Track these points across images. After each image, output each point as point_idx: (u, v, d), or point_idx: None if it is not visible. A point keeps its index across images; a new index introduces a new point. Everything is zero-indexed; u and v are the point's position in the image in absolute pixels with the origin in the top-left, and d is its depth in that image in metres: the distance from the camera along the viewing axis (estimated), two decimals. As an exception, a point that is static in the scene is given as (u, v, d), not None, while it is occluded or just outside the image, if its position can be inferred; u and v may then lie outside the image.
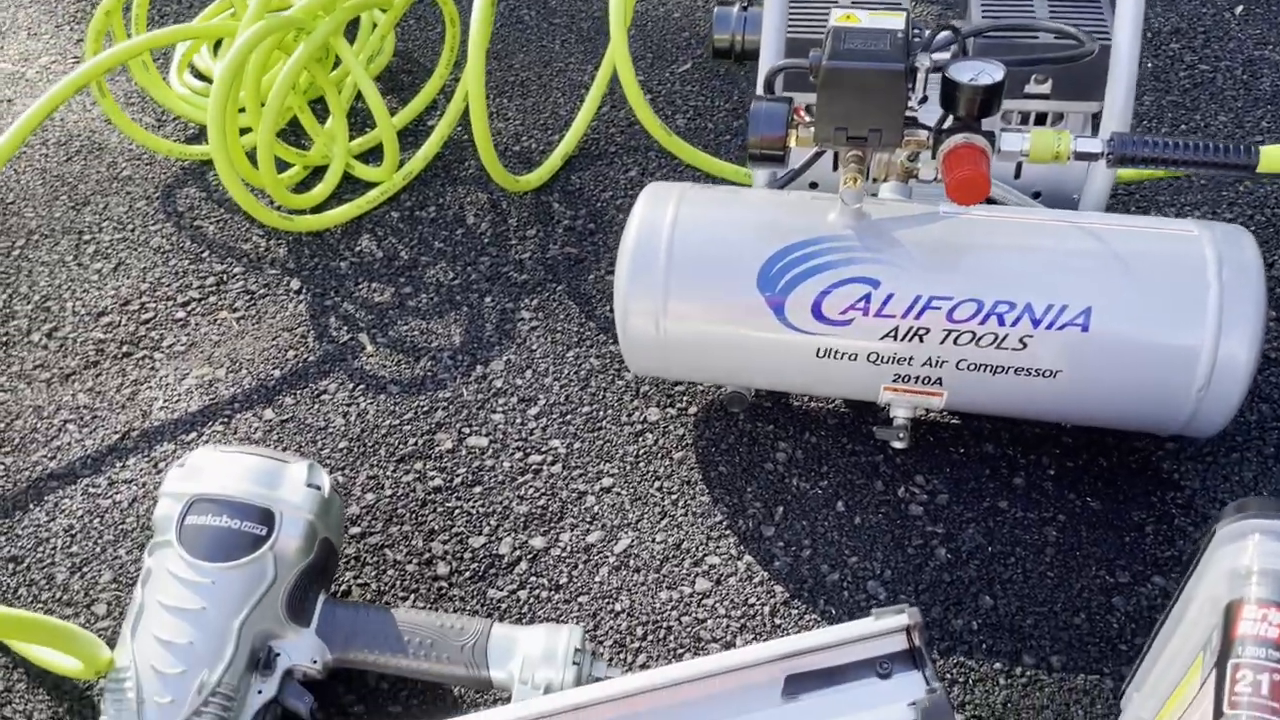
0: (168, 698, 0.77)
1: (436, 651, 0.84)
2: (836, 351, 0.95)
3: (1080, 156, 0.90)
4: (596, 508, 1.03)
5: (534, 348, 1.18)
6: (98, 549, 1.00)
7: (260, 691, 0.81)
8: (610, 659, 0.92)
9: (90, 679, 0.89)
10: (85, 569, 0.99)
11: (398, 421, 1.11)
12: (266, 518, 0.84)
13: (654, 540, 1.00)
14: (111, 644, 0.92)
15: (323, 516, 0.87)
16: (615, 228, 1.30)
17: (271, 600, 0.82)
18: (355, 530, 1.02)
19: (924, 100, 0.94)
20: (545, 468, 1.07)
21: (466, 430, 1.10)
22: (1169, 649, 0.75)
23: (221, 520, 0.83)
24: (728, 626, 0.93)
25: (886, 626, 0.79)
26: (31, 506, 1.04)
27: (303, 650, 0.83)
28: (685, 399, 1.11)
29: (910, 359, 0.94)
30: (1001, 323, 0.91)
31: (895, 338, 0.93)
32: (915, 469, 1.03)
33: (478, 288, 1.25)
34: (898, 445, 1.01)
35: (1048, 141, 0.89)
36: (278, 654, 0.82)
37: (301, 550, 0.84)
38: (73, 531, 1.02)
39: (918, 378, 0.95)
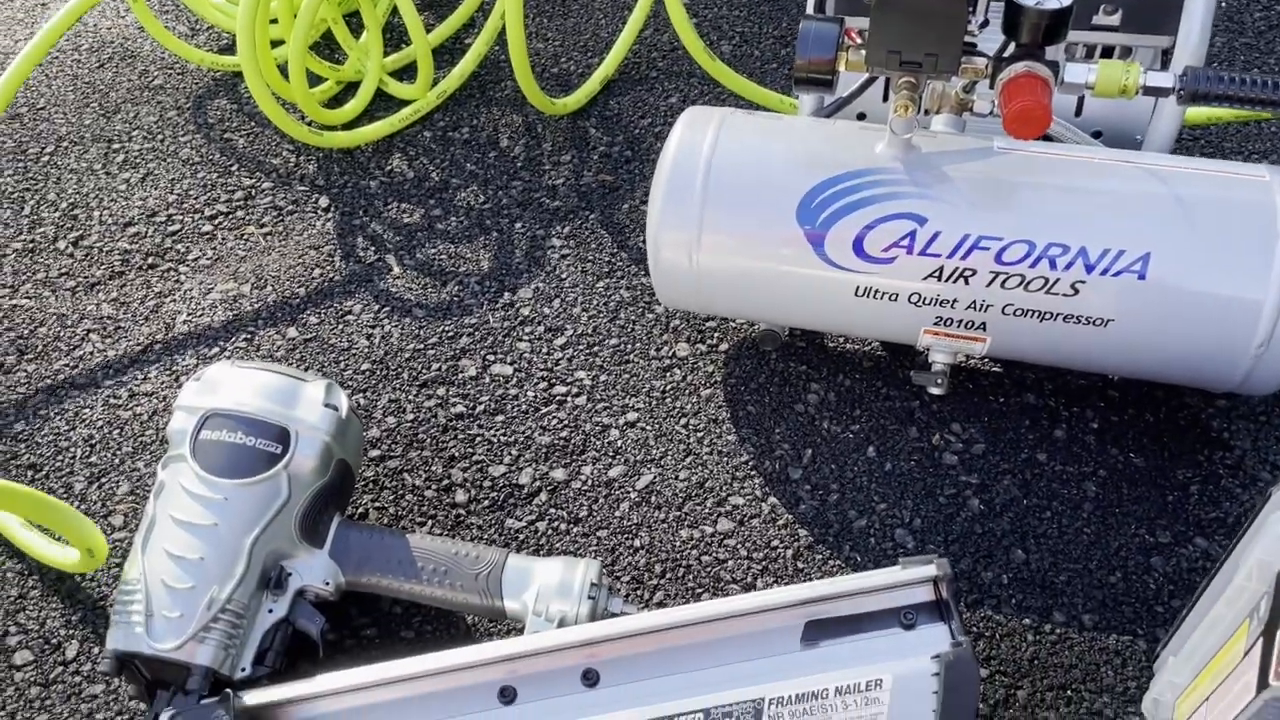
0: (177, 612, 0.77)
1: (451, 579, 0.83)
2: (877, 291, 0.91)
3: (1149, 91, 0.84)
4: (620, 442, 1.00)
5: (563, 276, 1.15)
6: (116, 460, 1.00)
7: (271, 610, 0.80)
8: (627, 595, 0.90)
9: (87, 570, 0.88)
10: (103, 479, 0.99)
11: (422, 346, 1.09)
12: (282, 436, 0.82)
13: (677, 478, 0.98)
14: (124, 557, 0.92)
15: (339, 438, 0.85)
16: (652, 156, 1.26)
17: (285, 520, 0.81)
18: (374, 454, 1.00)
19: (984, 25, 0.88)
20: (570, 399, 1.04)
21: (491, 358, 1.08)
22: (1211, 614, 0.71)
23: (236, 437, 0.82)
24: (749, 568, 0.91)
25: (913, 576, 0.76)
26: (52, 415, 1.04)
27: (315, 571, 0.82)
28: (716, 335, 1.08)
29: (954, 301, 0.90)
30: (1053, 266, 0.86)
31: (939, 278, 0.89)
32: (952, 416, 0.99)
33: (509, 213, 1.22)
34: (935, 391, 0.97)
35: (1115, 74, 0.84)
36: (290, 574, 0.81)
37: (316, 471, 0.83)
38: (92, 441, 1.01)
39: (961, 321, 0.91)
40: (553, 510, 0.96)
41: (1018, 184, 0.88)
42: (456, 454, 1.00)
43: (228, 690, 0.75)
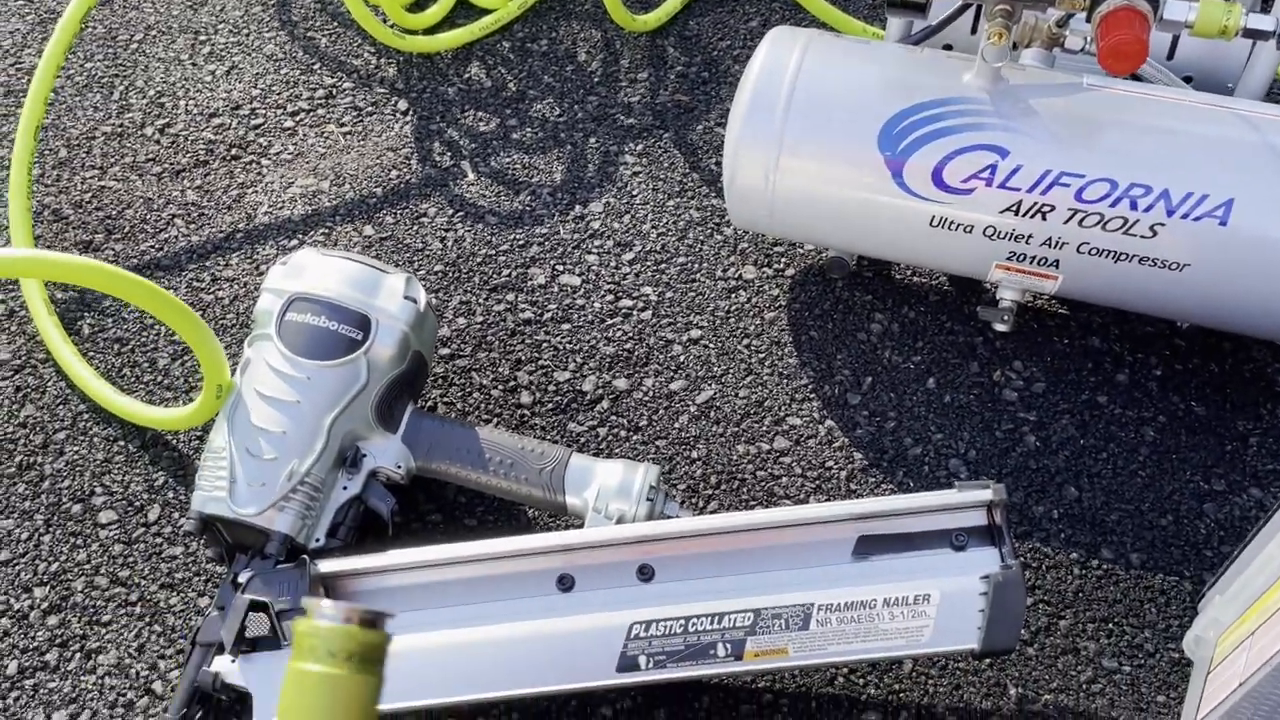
0: (260, 481, 0.80)
1: (516, 471, 0.86)
2: (952, 222, 0.91)
3: (1249, 34, 0.83)
4: (682, 357, 1.02)
5: (634, 193, 1.16)
6: (199, 340, 1.03)
7: (345, 488, 0.84)
8: (682, 501, 0.93)
9: (192, 424, 0.90)
10: (185, 358, 1.02)
11: (493, 252, 1.11)
12: (363, 323, 0.85)
13: (737, 395, 0.99)
14: (208, 429, 0.96)
15: (417, 329, 0.88)
16: (730, 79, 1.26)
17: (362, 404, 0.84)
18: (444, 351, 1.03)
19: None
20: (635, 313, 1.06)
21: (560, 268, 1.10)
22: (1261, 556, 0.73)
23: (320, 320, 0.85)
24: (802, 486, 0.93)
25: (968, 499, 0.78)
26: (139, 294, 1.07)
27: (388, 454, 0.85)
28: (783, 260, 1.09)
29: (1029, 237, 0.90)
30: (1134, 207, 0.86)
31: (1017, 213, 0.89)
32: (1014, 354, 1.00)
33: (583, 127, 1.22)
34: (1000, 328, 0.98)
35: (1216, 14, 0.82)
36: (364, 455, 0.85)
37: (394, 359, 0.86)
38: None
39: (1034, 258, 0.91)
40: (614, 417, 0.98)
41: (1104, 122, 0.88)
42: (523, 358, 1.03)
43: (304, 556, 0.79)
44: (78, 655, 0.85)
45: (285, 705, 0.59)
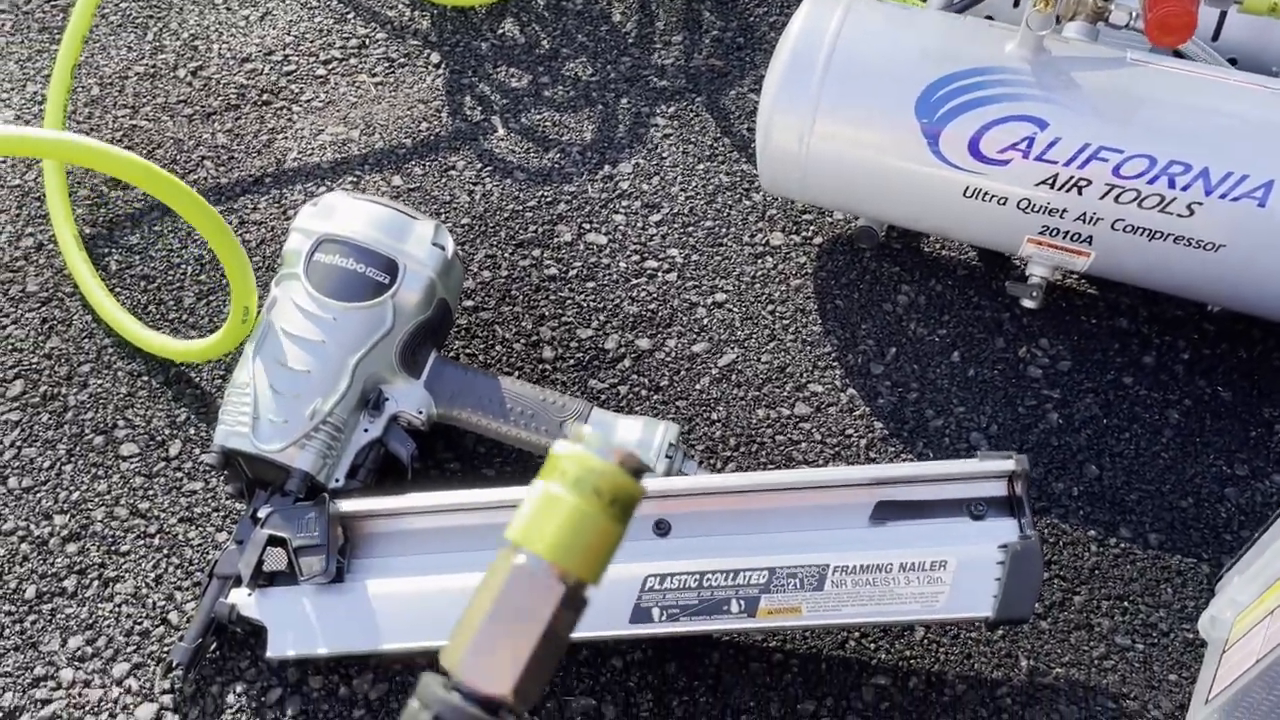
0: (282, 418, 0.81)
1: (536, 423, 0.86)
2: (986, 193, 0.90)
3: (1301, 14, 0.81)
4: (706, 320, 1.02)
5: (664, 155, 1.15)
6: (225, 282, 1.04)
7: (367, 430, 0.84)
8: (700, 461, 0.93)
9: (211, 356, 0.91)
10: (211, 297, 1.03)
11: (520, 207, 1.11)
12: (390, 267, 0.85)
13: (759, 360, 0.99)
14: (231, 368, 0.96)
15: (443, 277, 0.88)
16: (765, 45, 1.25)
17: (386, 347, 0.84)
18: (468, 304, 1.03)
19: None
20: (660, 274, 1.06)
21: (587, 226, 1.09)
22: (1283, 538, 0.72)
23: (348, 262, 0.85)
24: (821, 452, 0.93)
25: (990, 469, 0.77)
26: (166, 233, 1.08)
27: (410, 399, 0.86)
28: (812, 228, 1.08)
29: (1064, 211, 0.89)
30: (1171, 185, 0.85)
31: (1052, 186, 0.88)
32: (1041, 331, 0.99)
33: (615, 88, 1.22)
34: (1028, 304, 0.97)
35: (1268, -9, 0.81)
36: (387, 399, 0.85)
37: (420, 305, 0.86)
38: (202, 261, 1.06)
39: (1067, 233, 0.90)
40: (635, 376, 0.98)
41: (1146, 97, 0.86)
42: (546, 313, 1.03)
43: (324, 494, 0.79)
44: (95, 583, 0.86)
45: (533, 523, 0.55)
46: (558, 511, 0.55)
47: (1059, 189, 0.88)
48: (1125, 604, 0.83)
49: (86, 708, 0.80)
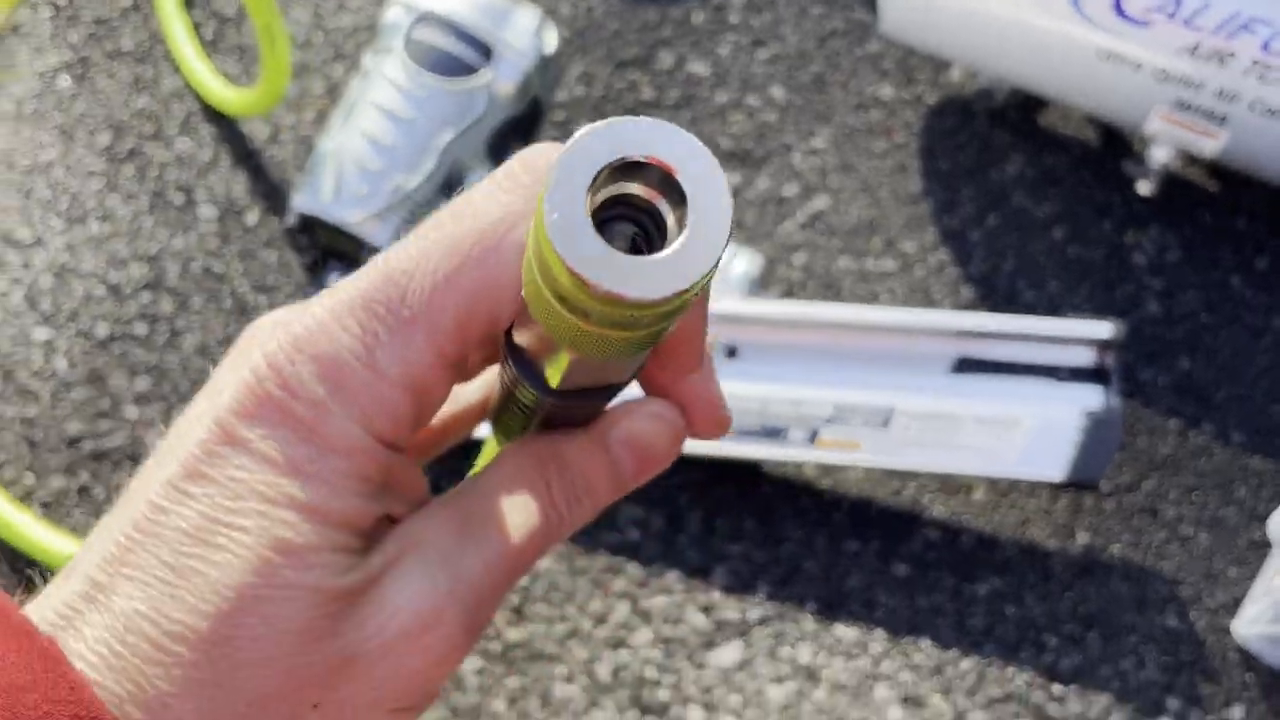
0: (365, 189, 0.80)
1: (616, 233, 0.84)
2: (1122, 57, 0.85)
3: None
4: (800, 165, 0.98)
5: (779, -6, 1.10)
6: (318, 61, 1.02)
7: (445, 216, 0.83)
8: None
9: (252, 113, 0.90)
10: (302, 76, 1.01)
11: (622, 27, 1.07)
12: (487, 53, 0.82)
13: (849, 211, 0.96)
14: (312, 141, 0.95)
15: (540, 73, 0.85)
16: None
17: (475, 134, 0.82)
18: (558, 118, 1.00)
19: None
20: (759, 113, 1.02)
21: (690, 55, 1.05)
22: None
23: (447, 41, 0.82)
24: (900, 307, 0.90)
25: (1083, 333, 0.74)
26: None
27: (492, 191, 0.84)
28: (924, 85, 1.03)
29: (1202, 85, 0.83)
30: (1330, 65, 0.78)
31: (1194, 54, 0.82)
32: (1153, 219, 0.94)
33: (737, -81, 1.16)
34: (1143, 190, 0.92)
35: None
36: (469, 186, 0.83)
37: (513, 97, 0.83)
38: (297, 42, 1.04)
39: (1202, 110, 0.85)
40: (720, 210, 0.95)
41: (1319, -32, 0.79)
42: (637, 137, 0.99)
43: (397, 268, 0.78)
44: (166, 333, 0.87)
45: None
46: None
47: (1201, 58, 0.82)
48: (1195, 496, 0.81)
49: (147, 444, 0.82)
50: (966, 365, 0.76)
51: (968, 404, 0.73)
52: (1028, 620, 0.76)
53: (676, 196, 0.21)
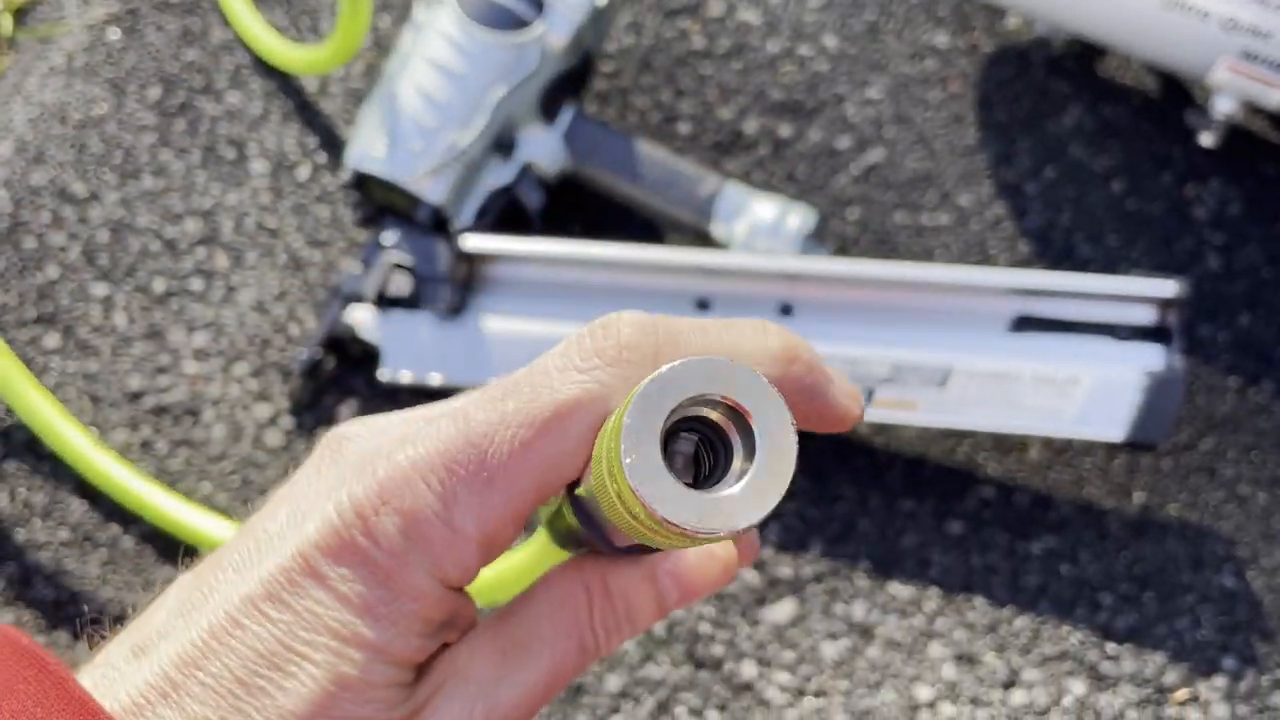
0: (418, 145, 0.79)
1: (668, 189, 0.83)
2: (1188, 5, 0.82)
3: None
4: (854, 116, 0.97)
5: (831, -61, 1.07)
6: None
7: (498, 175, 0.83)
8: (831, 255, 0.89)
9: (327, 67, 0.88)
10: (350, 28, 1.00)
11: (672, -25, 1.05)
12: (539, 5, 0.81)
13: (904, 164, 0.94)
14: (362, 97, 0.95)
15: (593, 26, 0.84)
16: None
17: (528, 90, 0.82)
18: (607, 68, 0.99)
19: None
20: (811, 63, 1.00)
21: (740, 2, 1.03)
22: None
23: (498, -6, 0.81)
24: (957, 264, 0.89)
25: (1146, 291, 0.73)
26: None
27: (544, 147, 0.83)
28: (981, 33, 1.01)
29: (1270, 34, 0.81)
30: None
31: (1264, 2, 0.79)
32: (1214, 171, 0.92)
33: None
34: (1205, 141, 0.89)
35: None
36: (521, 145, 0.83)
37: (566, 51, 0.82)
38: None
39: (1270, 61, 0.82)
40: (771, 163, 0.94)
41: (1404, -90, 0.76)
42: (686, 89, 0.98)
43: (452, 229, 0.79)
44: (221, 289, 0.88)
45: None
46: None
47: (1270, 8, 0.79)
48: (1254, 455, 0.80)
49: (206, 398, 0.83)
50: (1025, 323, 0.75)
51: (1027, 363, 0.72)
52: (1082, 579, 0.76)
53: (744, 425, 0.23)
